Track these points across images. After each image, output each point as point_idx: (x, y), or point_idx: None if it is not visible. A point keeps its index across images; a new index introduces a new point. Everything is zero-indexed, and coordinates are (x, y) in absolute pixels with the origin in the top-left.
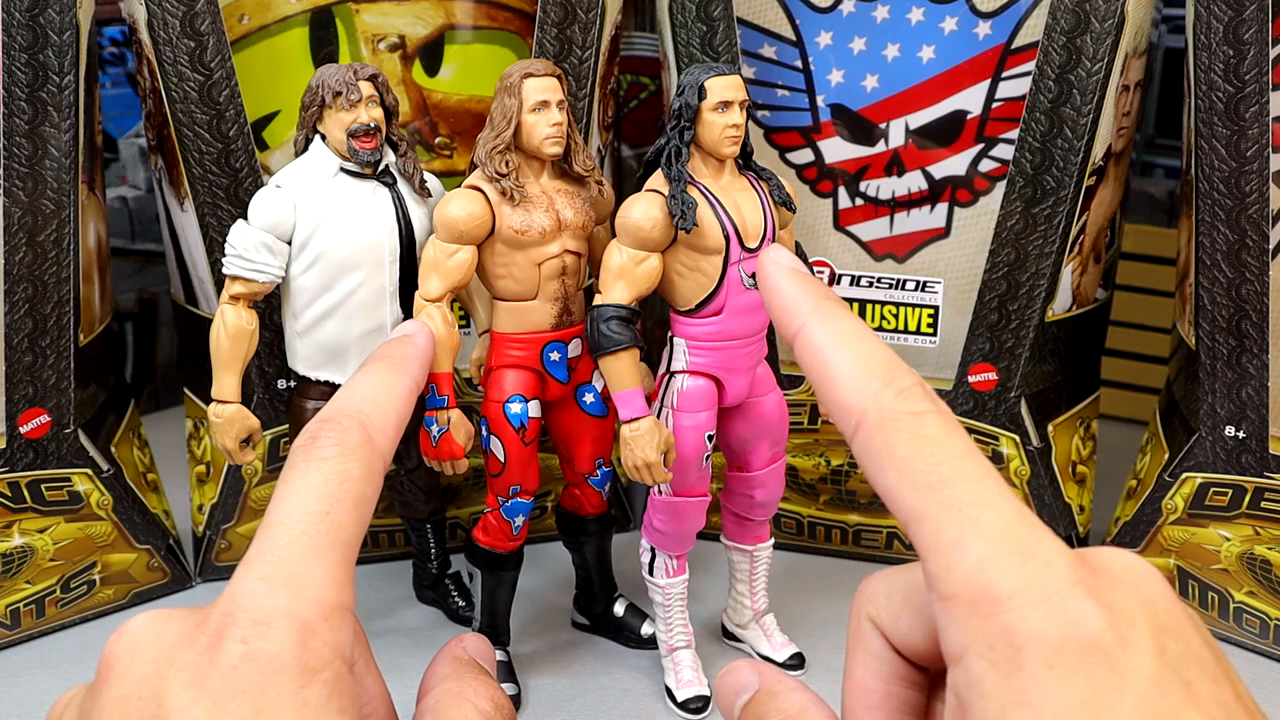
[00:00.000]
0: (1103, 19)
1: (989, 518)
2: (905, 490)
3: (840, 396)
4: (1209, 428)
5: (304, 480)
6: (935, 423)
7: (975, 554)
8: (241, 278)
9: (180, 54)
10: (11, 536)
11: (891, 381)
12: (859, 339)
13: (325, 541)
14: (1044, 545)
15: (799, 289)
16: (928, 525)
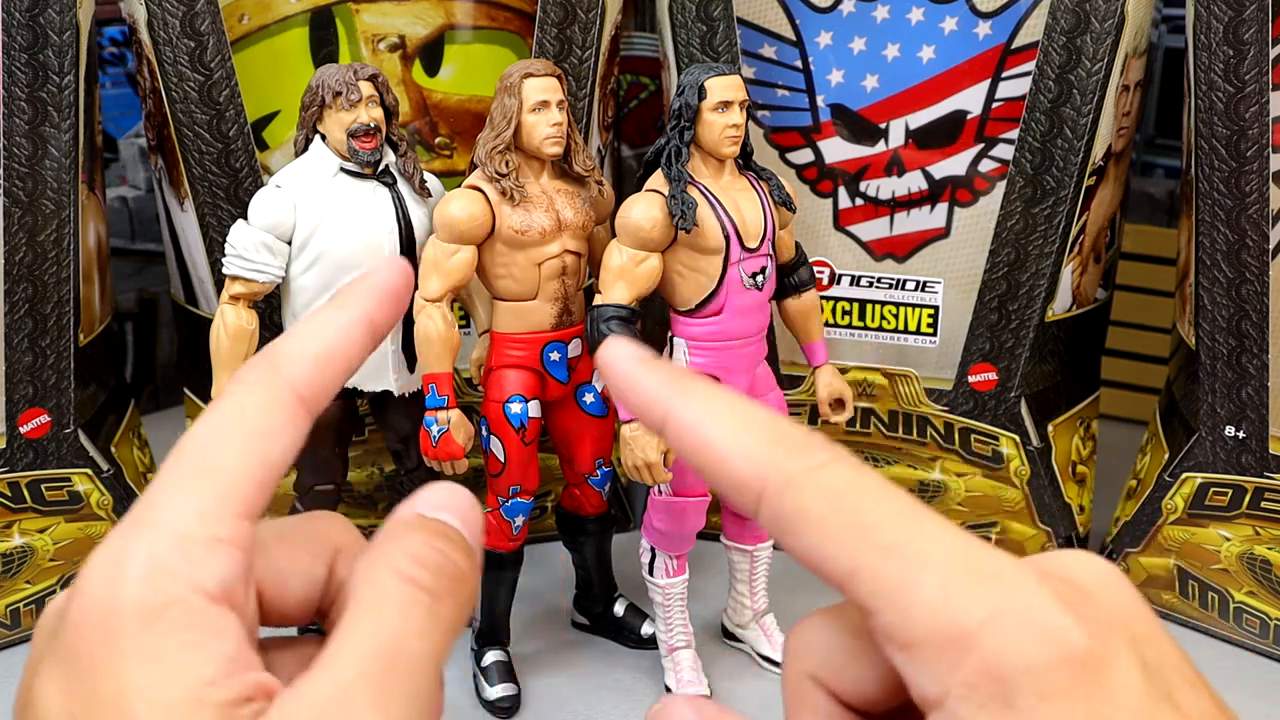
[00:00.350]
0: (1103, 19)
1: (933, 551)
2: (831, 549)
3: (733, 472)
4: (1209, 428)
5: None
6: (842, 471)
7: (930, 590)
8: (242, 278)
9: (180, 54)
10: (11, 536)
11: (782, 441)
12: (734, 408)
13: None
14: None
15: (654, 374)
16: (866, 577)
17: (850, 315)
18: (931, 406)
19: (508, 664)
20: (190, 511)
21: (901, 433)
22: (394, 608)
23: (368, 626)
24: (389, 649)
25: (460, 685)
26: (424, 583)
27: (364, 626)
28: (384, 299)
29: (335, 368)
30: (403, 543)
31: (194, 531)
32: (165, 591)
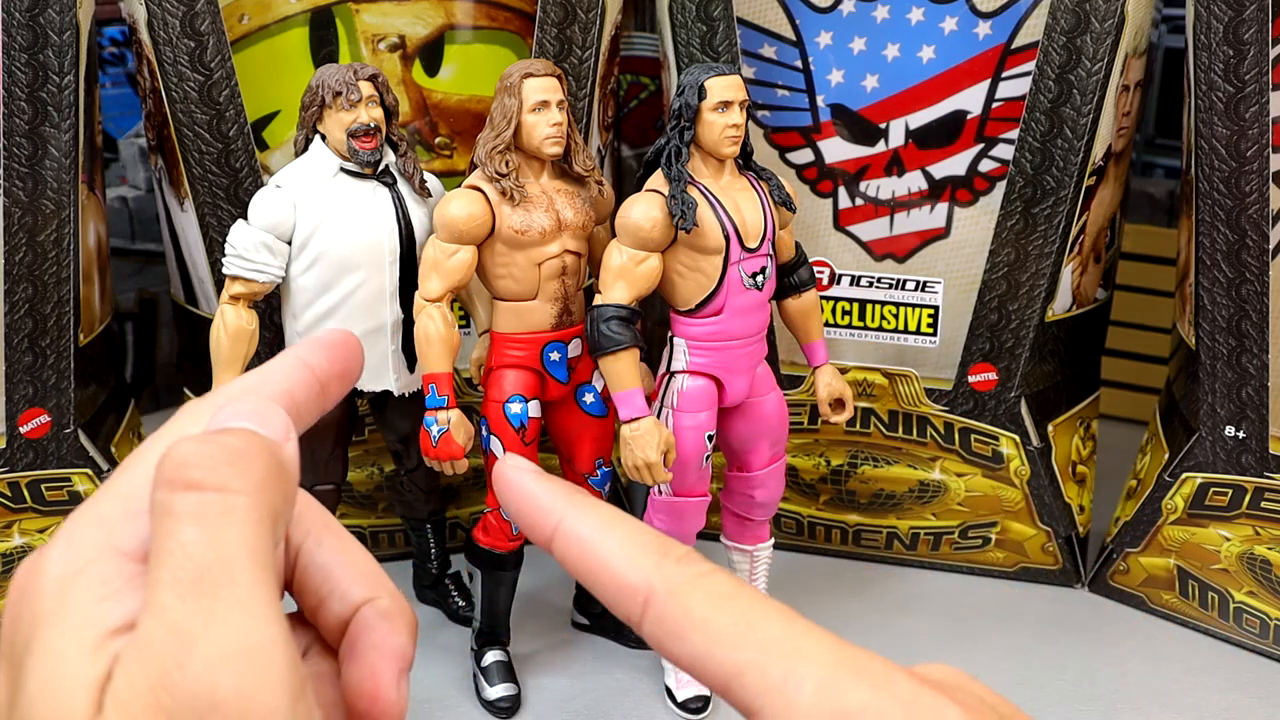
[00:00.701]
0: (1103, 19)
1: (812, 647)
2: (716, 650)
3: (618, 579)
4: (1209, 428)
5: None
6: (725, 580)
7: (813, 680)
8: (242, 278)
9: (180, 54)
10: (11, 536)
11: (668, 553)
12: (622, 521)
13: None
14: (875, 662)
15: (547, 487)
16: (751, 674)
17: (850, 315)
18: (931, 406)
19: (508, 664)
20: (113, 498)
21: (901, 433)
22: (179, 519)
23: (166, 551)
24: (190, 566)
25: (460, 685)
26: (201, 480)
27: (163, 553)
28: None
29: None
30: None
31: (112, 509)
32: (81, 556)
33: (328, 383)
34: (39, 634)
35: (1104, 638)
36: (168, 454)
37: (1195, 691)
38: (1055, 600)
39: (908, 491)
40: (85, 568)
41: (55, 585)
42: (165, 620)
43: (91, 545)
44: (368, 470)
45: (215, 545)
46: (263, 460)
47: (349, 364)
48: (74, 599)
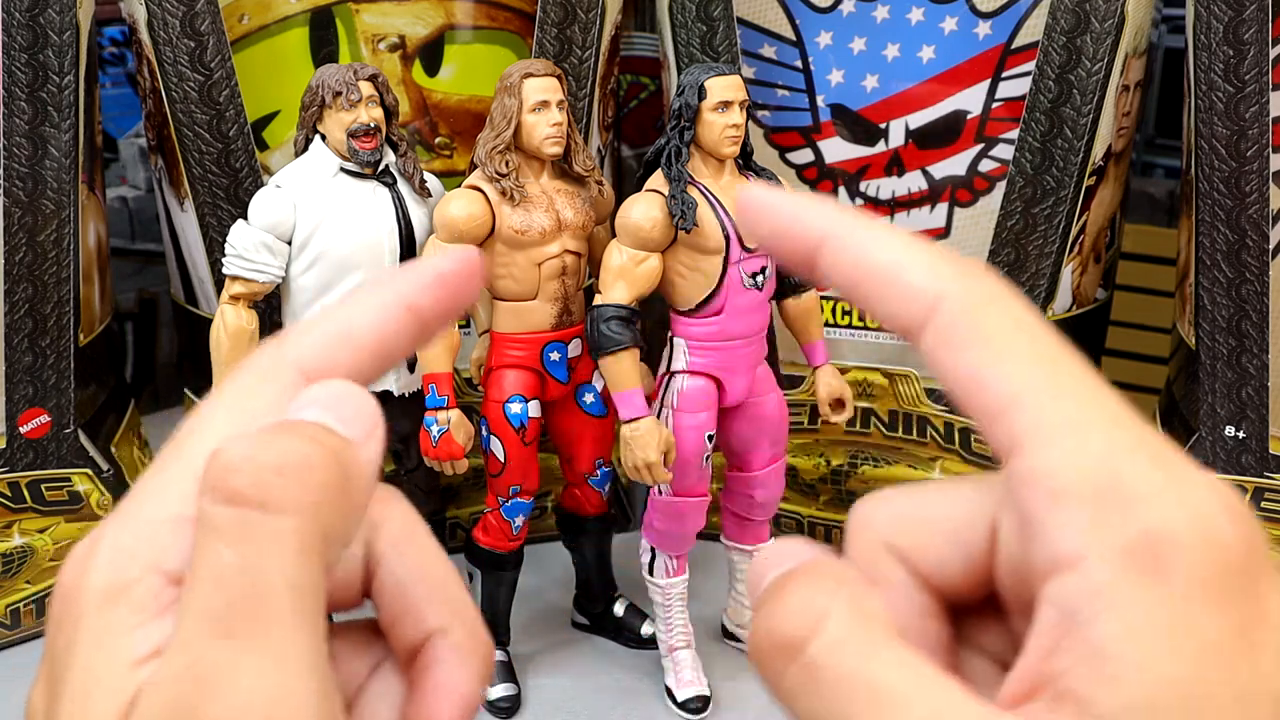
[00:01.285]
0: (1103, 19)
1: (1111, 406)
2: (1002, 366)
3: (908, 279)
4: (1209, 428)
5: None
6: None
7: (1100, 441)
8: (242, 278)
9: (180, 54)
10: (11, 536)
11: (963, 263)
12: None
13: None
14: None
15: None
16: (1031, 406)
17: (850, 315)
18: (931, 406)
19: (508, 664)
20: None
21: (901, 433)
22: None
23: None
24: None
25: None
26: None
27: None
28: (428, 282)
29: (355, 348)
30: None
31: (161, 512)
32: (125, 573)
33: (430, 322)
34: (76, 650)
35: None
36: (216, 455)
37: None
38: None
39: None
40: (128, 586)
41: (97, 599)
42: (188, 657)
43: (137, 559)
44: None
45: (251, 574)
46: (325, 472)
47: (463, 297)
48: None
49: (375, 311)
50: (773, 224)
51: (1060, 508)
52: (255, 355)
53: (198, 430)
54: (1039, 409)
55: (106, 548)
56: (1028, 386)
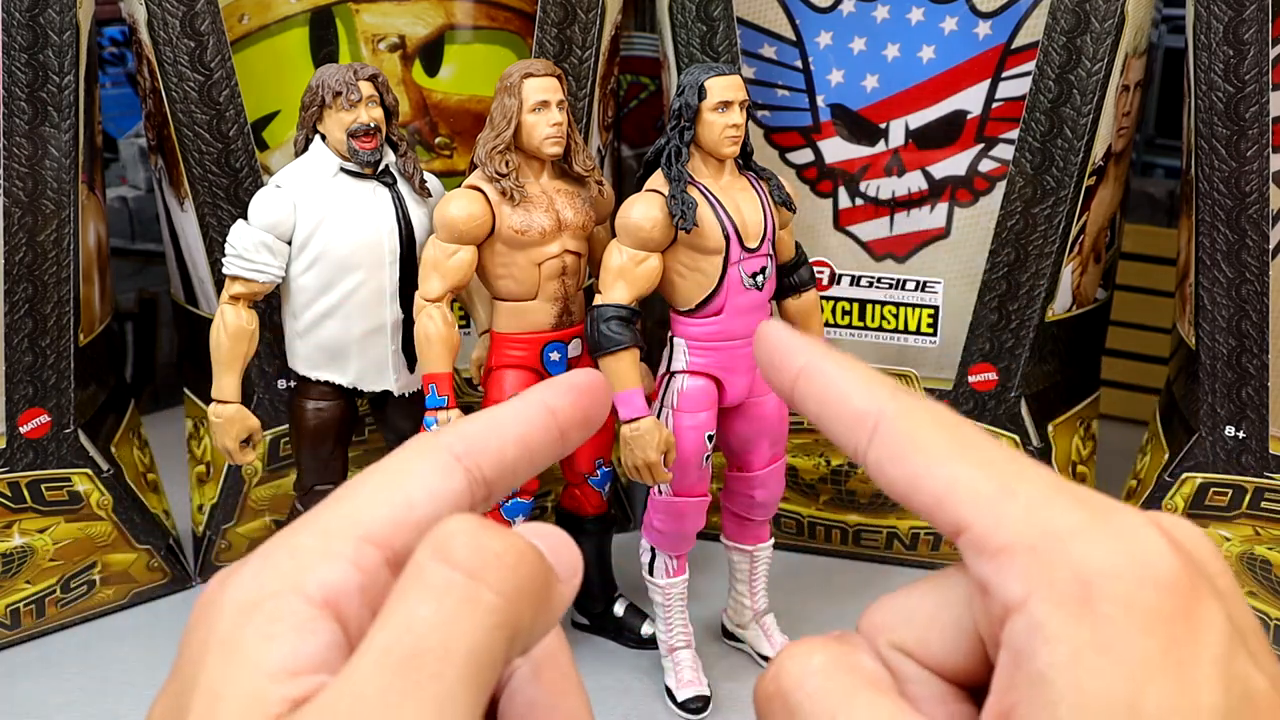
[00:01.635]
0: (1103, 19)
1: (1032, 473)
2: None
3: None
4: (1209, 428)
5: None
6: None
7: (1026, 497)
8: (241, 278)
9: (180, 54)
10: (11, 536)
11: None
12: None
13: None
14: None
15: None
16: (964, 488)
17: (850, 315)
18: None
19: None
20: (315, 530)
21: None
22: (422, 590)
23: (394, 616)
24: (409, 640)
25: None
26: (461, 560)
27: (390, 617)
28: (564, 392)
29: (501, 438)
30: (445, 524)
31: (310, 543)
32: (265, 587)
33: (568, 429)
34: (208, 660)
35: None
36: (446, 521)
37: None
38: None
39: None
40: (264, 600)
41: (234, 610)
42: (355, 689)
43: (279, 577)
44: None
45: (442, 631)
46: (532, 575)
47: (594, 410)
48: (246, 633)
49: (519, 410)
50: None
51: (1003, 563)
52: (411, 440)
53: (354, 488)
54: (970, 489)
55: (252, 566)
56: (957, 475)
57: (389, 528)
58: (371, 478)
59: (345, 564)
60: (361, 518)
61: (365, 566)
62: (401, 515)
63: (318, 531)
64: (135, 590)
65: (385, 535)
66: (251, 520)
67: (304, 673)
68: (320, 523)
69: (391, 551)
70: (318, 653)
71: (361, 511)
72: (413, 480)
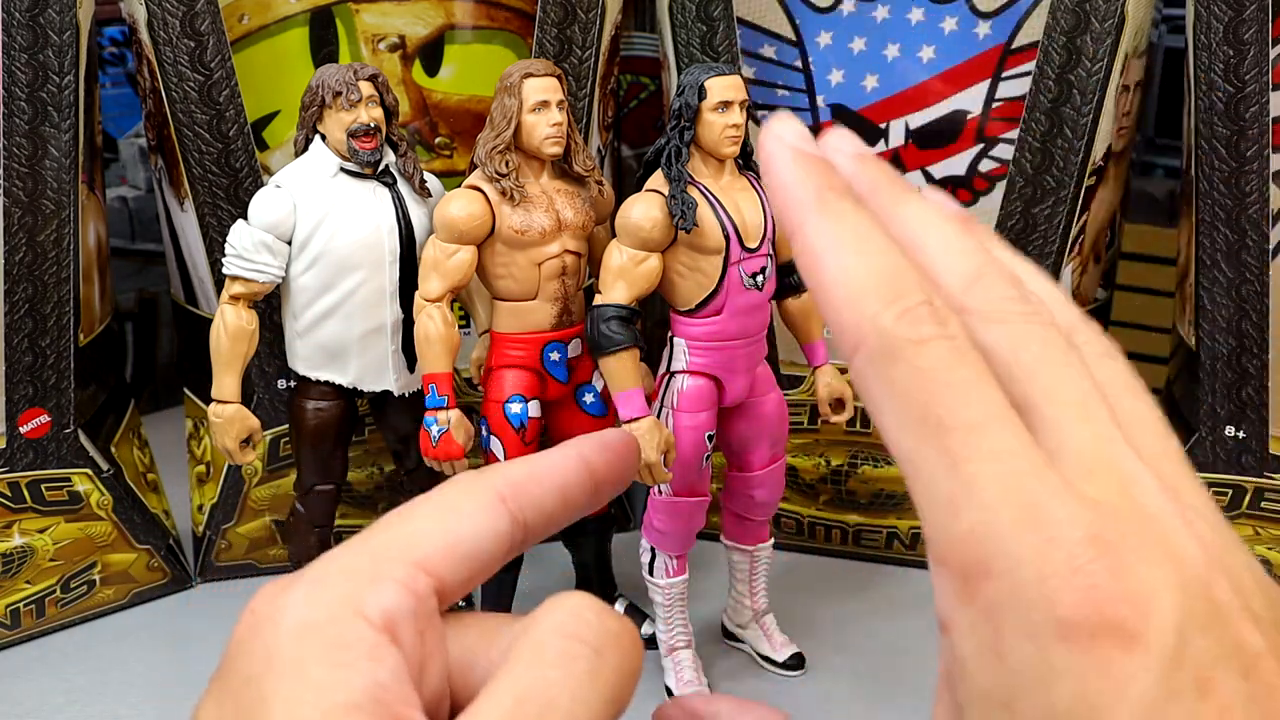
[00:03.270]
0: (1103, 19)
1: (987, 475)
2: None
3: (837, 315)
4: (1209, 428)
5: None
6: (940, 353)
7: (966, 519)
8: (241, 278)
9: (180, 54)
10: (11, 536)
11: (896, 300)
12: (863, 242)
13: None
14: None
15: (801, 176)
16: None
17: None
18: None
19: None
20: (364, 553)
21: None
22: (552, 659)
23: (520, 676)
24: (541, 698)
25: None
26: (586, 637)
27: (516, 676)
28: (600, 448)
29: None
30: (565, 603)
31: (362, 564)
32: (324, 607)
33: (602, 484)
34: (274, 682)
35: None
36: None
37: None
38: None
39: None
40: (326, 623)
41: (294, 631)
42: None
43: (336, 598)
44: (368, 470)
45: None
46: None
47: (626, 470)
48: (310, 657)
49: (558, 459)
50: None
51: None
52: (460, 476)
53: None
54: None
55: (306, 585)
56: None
57: (438, 557)
58: (421, 508)
59: (400, 587)
60: (413, 544)
61: (418, 592)
62: (451, 546)
63: (368, 554)
64: (135, 590)
65: (435, 564)
66: (251, 520)
67: (382, 701)
68: (370, 546)
69: (440, 581)
70: (387, 680)
71: (413, 538)
72: (461, 516)
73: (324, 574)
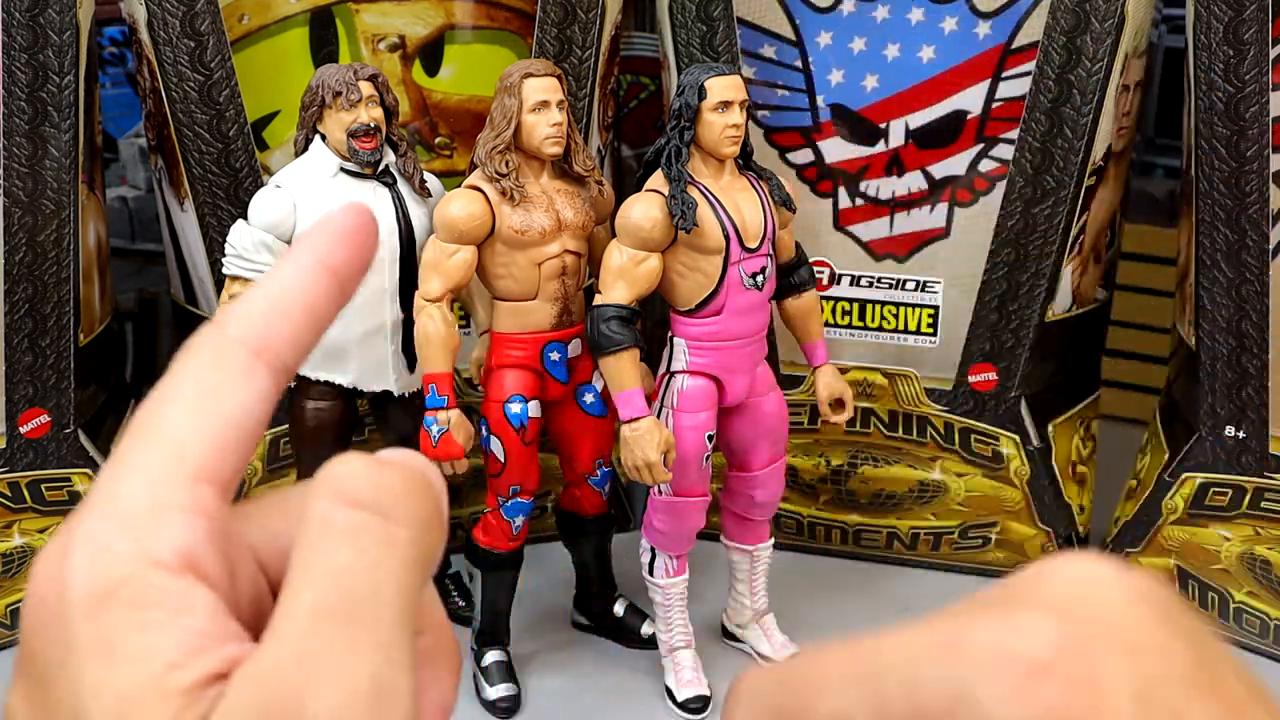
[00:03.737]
0: (1103, 19)
1: None
2: None
3: None
4: (1209, 428)
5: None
6: None
7: None
8: (241, 278)
9: (180, 54)
10: (11, 536)
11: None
12: None
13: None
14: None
15: None
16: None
17: (850, 315)
18: (931, 406)
19: (508, 664)
20: (135, 484)
21: (901, 433)
22: (337, 537)
23: (314, 570)
24: (339, 589)
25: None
26: (367, 501)
27: (310, 571)
28: (337, 241)
29: (290, 317)
30: (338, 468)
31: (138, 504)
32: (110, 572)
33: (348, 281)
34: (81, 666)
35: None
36: (336, 464)
37: None
38: None
39: (908, 491)
40: (118, 587)
41: (87, 606)
42: (296, 647)
43: (117, 554)
44: None
45: (369, 574)
46: (433, 503)
47: (369, 250)
48: (113, 628)
49: (298, 278)
50: None
51: None
52: (198, 337)
53: (157, 421)
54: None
55: (81, 549)
56: None
57: (214, 456)
58: (173, 401)
59: (186, 517)
60: (182, 454)
61: (206, 509)
62: (222, 437)
63: (140, 484)
64: None
65: (211, 466)
66: None
67: (202, 649)
68: (138, 470)
69: (221, 480)
70: (203, 625)
71: (180, 447)
72: (221, 396)
73: (99, 527)
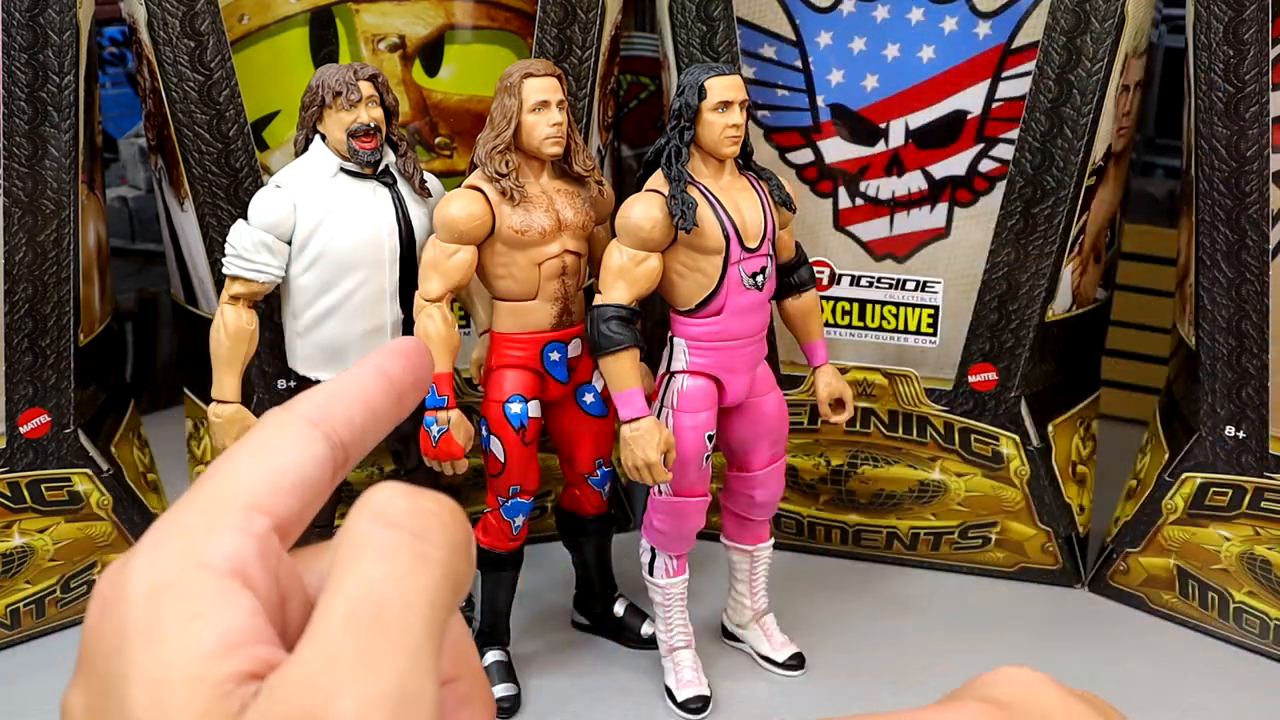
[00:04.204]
0: (1103, 19)
1: None
2: None
3: None
4: (1209, 428)
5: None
6: None
7: None
8: (241, 278)
9: (180, 54)
10: (11, 536)
11: None
12: None
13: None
14: None
15: None
16: None
17: (850, 315)
18: (931, 406)
19: (508, 664)
20: (195, 509)
21: (901, 433)
22: (373, 553)
23: (350, 581)
24: (372, 599)
25: None
26: (403, 523)
27: (346, 582)
28: (392, 354)
29: (346, 402)
30: (374, 495)
31: (196, 522)
32: (167, 569)
33: (404, 392)
34: (131, 652)
35: (1104, 638)
36: (375, 490)
37: (1195, 692)
38: (1055, 600)
39: (908, 491)
40: (172, 582)
41: (143, 598)
42: (327, 652)
43: (177, 557)
44: (368, 470)
45: (401, 587)
46: (460, 531)
47: (423, 372)
48: (163, 617)
49: (356, 375)
50: None
51: None
52: (266, 415)
53: (224, 466)
54: None
55: (144, 554)
56: None
57: (268, 495)
58: (239, 455)
59: (238, 533)
60: (240, 490)
61: (257, 533)
62: (277, 481)
63: (200, 509)
64: None
65: (266, 503)
66: None
67: (241, 645)
68: (200, 501)
69: (276, 517)
70: (245, 622)
71: (238, 485)
72: (279, 451)
73: (160, 538)
